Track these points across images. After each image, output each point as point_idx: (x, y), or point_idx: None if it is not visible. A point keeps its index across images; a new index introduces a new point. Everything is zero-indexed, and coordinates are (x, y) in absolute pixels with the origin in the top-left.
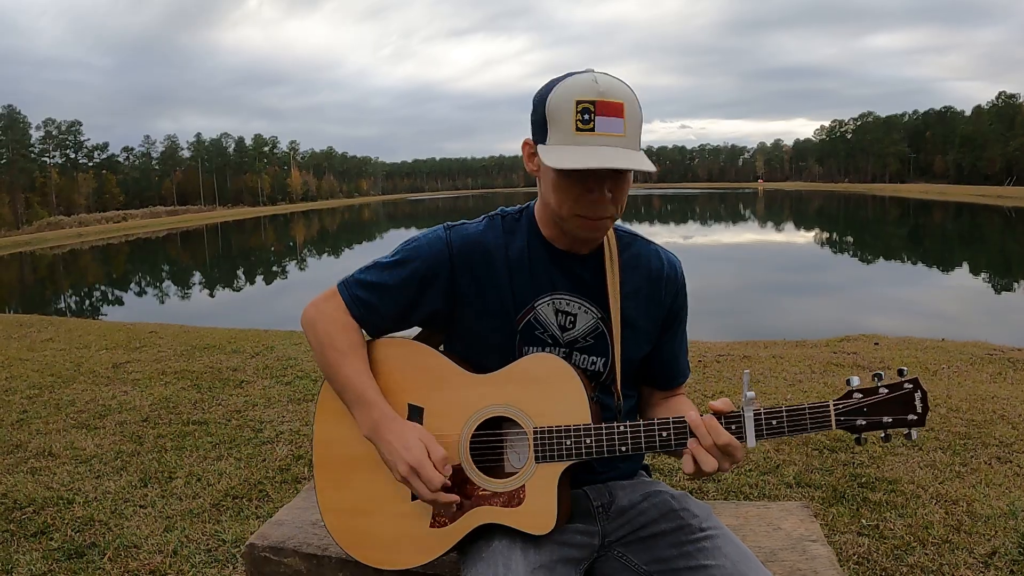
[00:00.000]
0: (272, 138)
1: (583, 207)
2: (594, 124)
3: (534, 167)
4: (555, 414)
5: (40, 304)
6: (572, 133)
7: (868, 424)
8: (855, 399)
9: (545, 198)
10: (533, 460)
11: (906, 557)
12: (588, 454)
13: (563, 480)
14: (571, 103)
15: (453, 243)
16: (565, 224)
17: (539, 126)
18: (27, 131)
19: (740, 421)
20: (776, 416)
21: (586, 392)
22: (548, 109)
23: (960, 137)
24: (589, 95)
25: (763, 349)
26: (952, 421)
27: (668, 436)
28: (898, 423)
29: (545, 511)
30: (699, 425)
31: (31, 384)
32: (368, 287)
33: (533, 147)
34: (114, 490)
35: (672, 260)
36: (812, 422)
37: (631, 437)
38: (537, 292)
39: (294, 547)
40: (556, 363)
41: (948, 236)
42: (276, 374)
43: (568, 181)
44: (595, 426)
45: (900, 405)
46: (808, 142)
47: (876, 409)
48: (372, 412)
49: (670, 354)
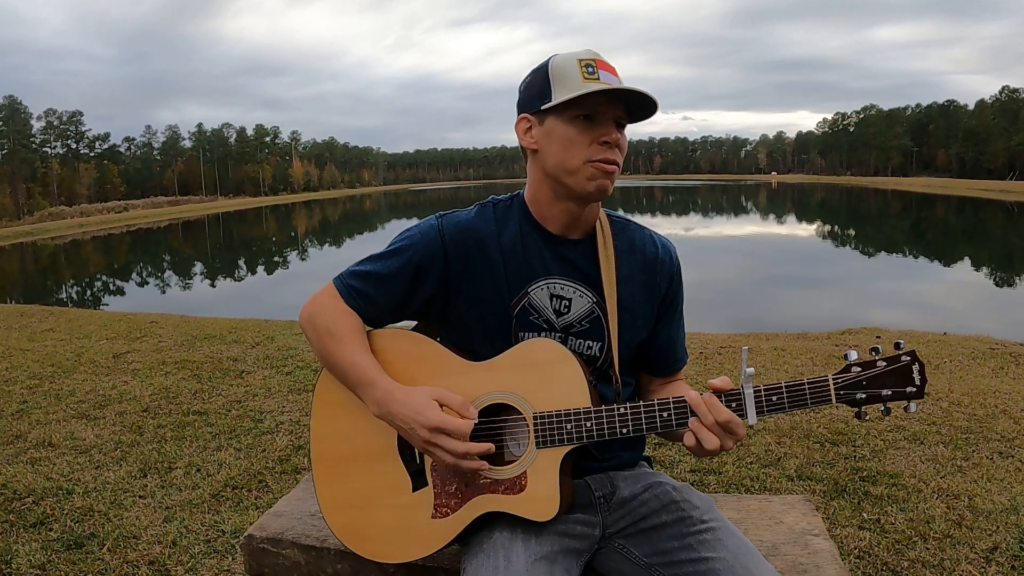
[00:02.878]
0: (274, 128)
1: (596, 151)
2: (598, 75)
3: (532, 140)
4: (554, 399)
5: (41, 294)
6: (580, 82)
7: (868, 397)
8: (854, 372)
9: (550, 164)
10: (534, 446)
11: (907, 551)
12: (589, 437)
13: (564, 466)
14: (574, 61)
15: (445, 231)
16: (575, 179)
17: (540, 93)
18: (28, 121)
19: (740, 398)
20: (776, 392)
21: (585, 376)
22: (552, 72)
23: (963, 131)
24: (588, 56)
25: (765, 341)
26: (954, 415)
27: (669, 416)
28: (897, 395)
29: (547, 497)
30: (699, 403)
31: (31, 374)
32: (363, 277)
33: (530, 119)
34: (114, 480)
35: (667, 245)
36: (812, 397)
37: (632, 418)
38: (531, 277)
39: (293, 538)
40: (554, 347)
41: (951, 230)
42: (276, 364)
43: (583, 127)
44: (595, 409)
45: (899, 377)
46: (810, 135)
47: (875, 382)
48: (376, 391)
49: (667, 340)
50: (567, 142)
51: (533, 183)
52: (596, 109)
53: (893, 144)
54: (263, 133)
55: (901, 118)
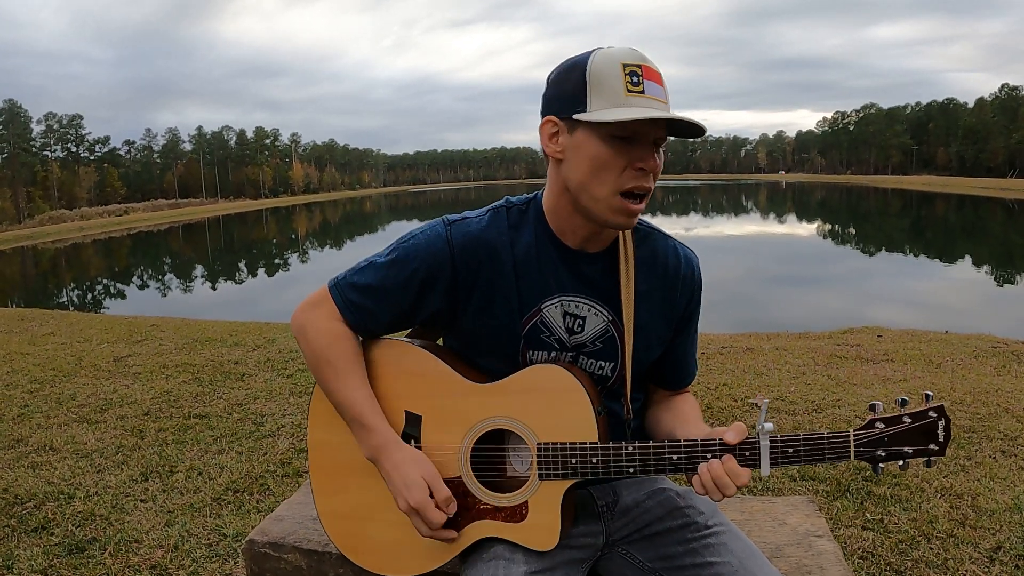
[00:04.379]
0: (274, 130)
1: (629, 178)
2: (643, 87)
3: (558, 148)
4: (560, 429)
5: (42, 298)
6: (623, 95)
7: (888, 455)
8: (877, 429)
9: (574, 180)
10: (536, 476)
11: (911, 551)
12: (594, 473)
13: (567, 496)
14: (617, 66)
15: (455, 241)
16: (598, 208)
17: (573, 96)
18: (28, 125)
19: (755, 448)
20: (792, 444)
21: (593, 407)
22: (591, 74)
23: (963, 129)
24: (633, 60)
25: (766, 341)
26: (956, 415)
27: (679, 460)
28: (919, 453)
29: (548, 528)
30: (721, 476)
31: (32, 378)
32: (363, 290)
33: (558, 124)
34: (115, 484)
35: (690, 257)
36: (830, 452)
37: (640, 459)
38: (544, 293)
39: (294, 543)
40: (562, 376)
41: (951, 228)
42: (278, 367)
43: (618, 149)
44: (602, 445)
45: (922, 435)
46: (810, 133)
47: (898, 439)
48: (372, 438)
49: (680, 355)
50: (598, 165)
51: (553, 192)
52: (637, 130)
53: (893, 142)
54: (263, 135)
55: (901, 116)
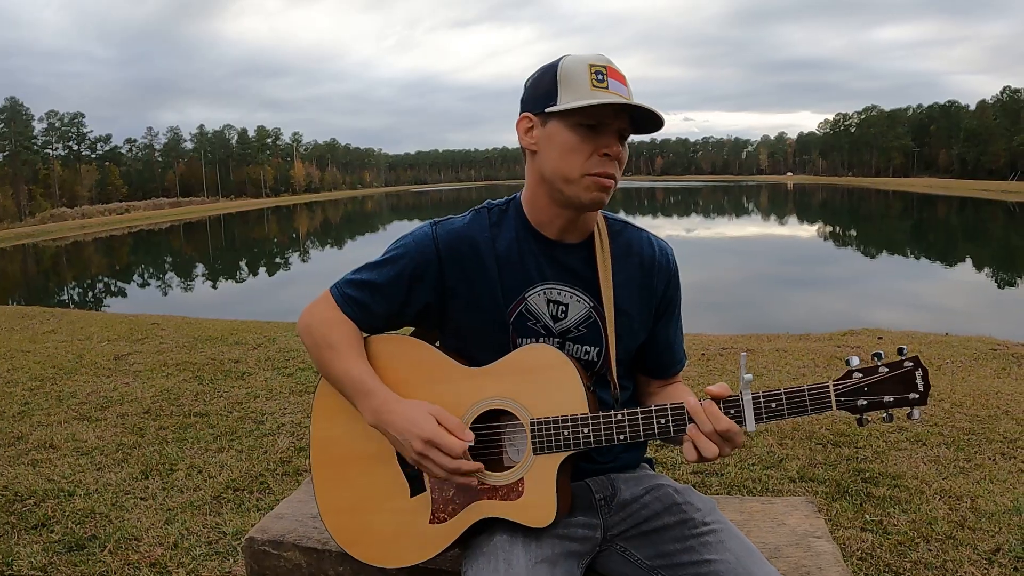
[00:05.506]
0: (275, 129)
1: (595, 163)
2: (607, 84)
3: (532, 140)
4: (552, 405)
5: (42, 296)
6: (588, 89)
7: (869, 404)
8: (855, 379)
9: (548, 168)
10: (531, 452)
11: (910, 553)
12: (586, 444)
13: (562, 472)
14: (584, 66)
15: (440, 239)
16: (572, 189)
17: (545, 94)
18: (30, 123)
19: (739, 405)
20: (775, 399)
21: (582, 381)
22: (560, 74)
23: (964, 131)
24: (599, 62)
25: (766, 342)
26: (956, 417)
27: (667, 423)
28: (899, 402)
29: (544, 503)
30: (698, 411)
31: (33, 376)
32: (359, 286)
33: (532, 119)
34: (115, 482)
35: (664, 247)
36: (812, 404)
37: (629, 425)
38: (527, 283)
39: (294, 541)
40: (551, 353)
41: (952, 231)
42: (278, 366)
43: (584, 136)
44: (592, 415)
45: (901, 383)
46: (812, 135)
47: (877, 388)
48: (372, 400)
49: (665, 342)
50: (567, 149)
51: (531, 185)
52: (601, 119)
53: (894, 144)
54: (265, 134)
55: (902, 118)
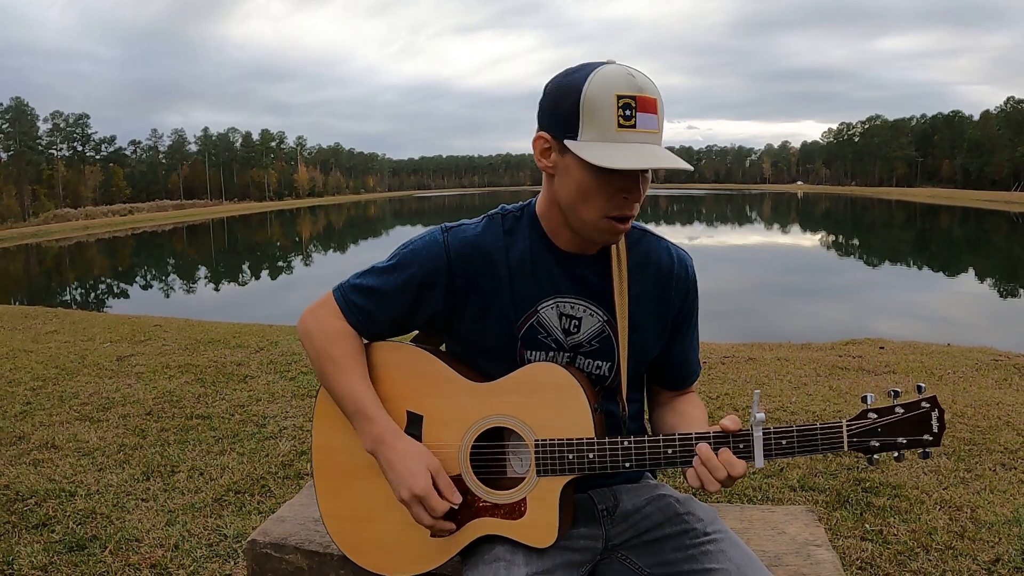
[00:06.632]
0: (279, 133)
1: (614, 207)
2: (635, 121)
3: (549, 163)
4: (557, 426)
5: (45, 296)
6: (614, 130)
7: (882, 445)
8: (869, 419)
9: (563, 199)
10: (535, 472)
11: (909, 563)
12: (591, 469)
13: (566, 492)
14: (611, 97)
15: (451, 247)
16: (585, 228)
17: (566, 120)
18: (34, 123)
19: (748, 440)
20: (786, 435)
21: (589, 404)
22: (584, 102)
23: (968, 142)
24: (629, 90)
25: (768, 351)
26: (957, 427)
27: (674, 453)
28: (913, 443)
29: (546, 524)
30: (711, 459)
31: (35, 376)
32: (364, 292)
33: (550, 141)
34: (116, 483)
35: (683, 257)
36: (824, 443)
37: (636, 453)
38: (540, 295)
39: (296, 544)
40: (559, 373)
41: (955, 241)
42: (280, 369)
43: (604, 180)
44: (598, 441)
45: (916, 425)
46: (815, 144)
47: (891, 430)
48: (373, 427)
49: (680, 355)
50: (584, 191)
51: (546, 200)
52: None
53: (898, 154)
54: (269, 138)
55: (906, 128)
